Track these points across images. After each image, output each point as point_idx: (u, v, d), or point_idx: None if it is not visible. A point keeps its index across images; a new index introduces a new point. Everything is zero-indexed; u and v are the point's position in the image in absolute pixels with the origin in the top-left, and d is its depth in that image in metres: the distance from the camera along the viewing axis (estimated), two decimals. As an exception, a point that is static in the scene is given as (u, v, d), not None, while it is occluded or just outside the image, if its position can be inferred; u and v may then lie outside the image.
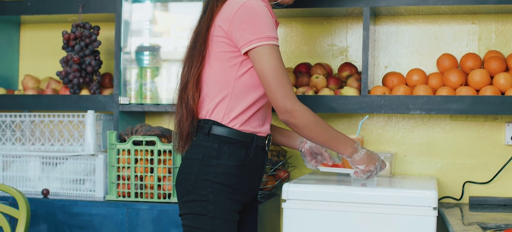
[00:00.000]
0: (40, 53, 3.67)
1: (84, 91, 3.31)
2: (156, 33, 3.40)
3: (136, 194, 2.98)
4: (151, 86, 3.20)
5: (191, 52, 2.36)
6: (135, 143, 2.97)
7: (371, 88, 3.04)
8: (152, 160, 2.95)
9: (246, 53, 2.25)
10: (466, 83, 2.98)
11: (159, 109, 3.20)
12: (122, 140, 3.03)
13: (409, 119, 3.21)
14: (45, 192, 3.12)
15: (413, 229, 2.38)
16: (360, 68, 3.16)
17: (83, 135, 3.19)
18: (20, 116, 3.31)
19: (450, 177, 3.16)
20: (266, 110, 2.41)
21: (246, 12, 2.23)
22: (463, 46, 3.17)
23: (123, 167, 2.98)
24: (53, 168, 3.24)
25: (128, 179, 2.98)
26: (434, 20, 3.19)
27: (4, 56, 3.60)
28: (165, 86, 3.23)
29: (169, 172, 2.95)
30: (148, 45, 3.36)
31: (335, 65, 3.28)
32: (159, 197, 2.96)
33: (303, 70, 3.19)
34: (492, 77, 2.95)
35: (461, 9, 3.06)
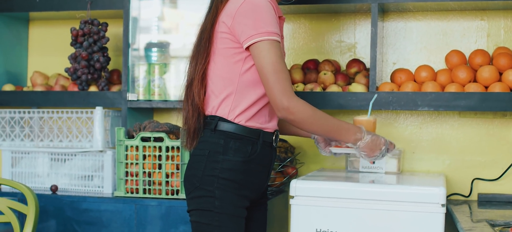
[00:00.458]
0: (49, 50, 3.68)
1: (93, 88, 3.32)
2: (165, 30, 3.41)
3: (144, 190, 2.98)
4: (159, 83, 3.21)
5: (197, 49, 2.37)
6: (143, 139, 2.98)
7: (379, 85, 3.03)
8: (160, 156, 2.95)
9: (248, 49, 2.26)
10: (475, 80, 2.97)
11: (167, 106, 3.21)
12: (130, 136, 3.03)
13: (418, 115, 3.20)
14: (54, 188, 3.13)
15: (421, 226, 2.37)
16: (368, 65, 3.16)
17: (92, 131, 3.20)
18: (29, 112, 3.32)
19: (459, 174, 3.15)
20: None
21: (249, 8, 2.23)
22: (472, 43, 3.16)
23: (131, 163, 2.99)
24: (62, 164, 3.25)
25: (136, 175, 2.99)
26: (443, 17, 3.18)
27: (13, 53, 3.61)
28: (173, 83, 3.24)
29: (177, 168, 2.95)
30: (157, 42, 3.36)
31: (343, 62, 3.28)
32: (167, 193, 2.96)
33: (311, 67, 3.19)
34: (501, 74, 2.94)
35: (470, 6, 3.05)
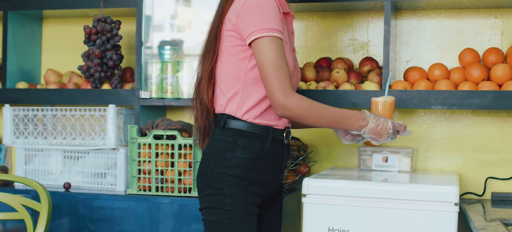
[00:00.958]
0: (62, 48, 3.69)
1: (106, 86, 3.33)
2: (178, 28, 3.42)
3: (157, 188, 2.99)
4: (172, 81, 3.21)
5: (206, 48, 2.38)
6: (156, 137, 2.98)
7: (392, 83, 3.02)
8: (173, 154, 2.96)
9: (251, 46, 2.26)
10: (489, 78, 2.95)
11: (180, 104, 3.21)
12: (143, 134, 3.04)
13: (431, 114, 3.19)
14: (67, 185, 3.14)
15: (434, 225, 2.37)
16: (381, 63, 3.15)
17: (105, 129, 3.21)
18: (42, 109, 3.33)
19: (472, 172, 3.14)
20: None
21: (252, 5, 2.24)
22: (486, 41, 3.14)
23: (144, 161, 2.99)
24: (75, 161, 3.26)
25: (149, 173, 3.00)
26: (456, 15, 3.17)
27: (27, 51, 3.63)
28: (186, 81, 3.24)
29: (190, 166, 2.95)
30: (170, 40, 3.37)
31: (356, 60, 3.27)
32: (180, 191, 2.96)
33: (324, 65, 3.18)
34: (515, 72, 2.93)
35: (484, 3, 3.03)
